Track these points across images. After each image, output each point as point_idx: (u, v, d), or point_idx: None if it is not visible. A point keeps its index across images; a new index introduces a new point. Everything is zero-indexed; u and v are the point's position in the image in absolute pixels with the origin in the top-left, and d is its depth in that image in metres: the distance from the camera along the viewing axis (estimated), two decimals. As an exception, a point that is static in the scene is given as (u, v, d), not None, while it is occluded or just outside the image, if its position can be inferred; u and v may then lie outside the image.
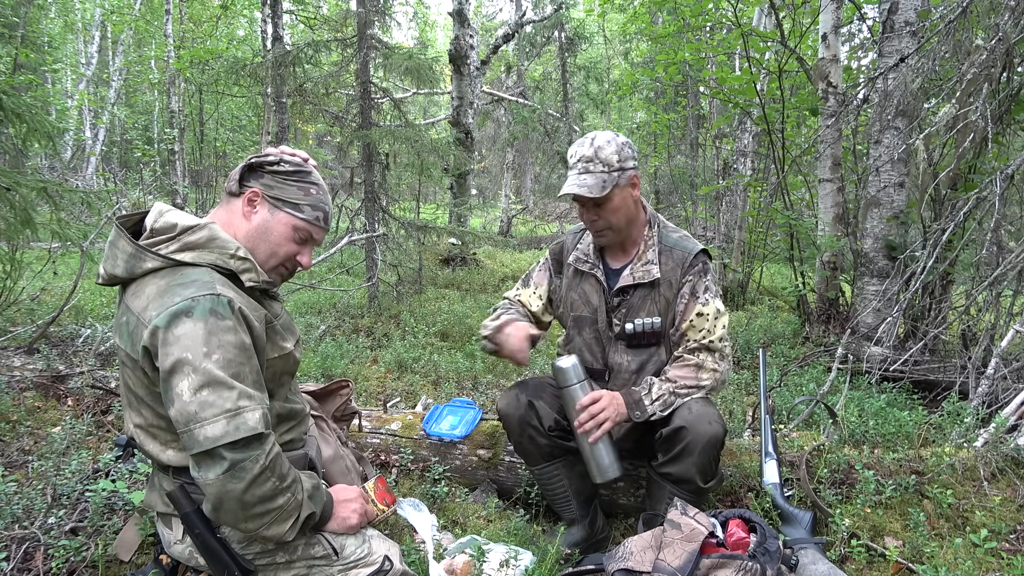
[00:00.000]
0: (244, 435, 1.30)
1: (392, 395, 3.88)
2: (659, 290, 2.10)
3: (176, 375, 1.31)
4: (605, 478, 2.03)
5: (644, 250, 2.12)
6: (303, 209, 1.54)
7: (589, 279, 2.19)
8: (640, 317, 2.10)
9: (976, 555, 1.93)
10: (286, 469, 1.40)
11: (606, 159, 2.00)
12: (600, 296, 2.17)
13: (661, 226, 2.18)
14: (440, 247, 9.57)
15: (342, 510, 1.55)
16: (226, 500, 1.32)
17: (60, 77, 15.84)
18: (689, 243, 2.14)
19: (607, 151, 2.00)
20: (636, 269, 2.11)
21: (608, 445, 2.01)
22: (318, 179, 1.57)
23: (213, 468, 1.30)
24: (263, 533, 1.39)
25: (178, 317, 1.32)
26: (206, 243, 1.45)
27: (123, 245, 1.44)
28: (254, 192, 1.51)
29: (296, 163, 1.55)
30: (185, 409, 1.30)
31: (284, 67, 6.34)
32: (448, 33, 13.28)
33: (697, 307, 2.05)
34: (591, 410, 1.96)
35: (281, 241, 1.54)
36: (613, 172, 2.00)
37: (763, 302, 7.35)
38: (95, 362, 3.45)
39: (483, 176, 18.20)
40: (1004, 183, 3.38)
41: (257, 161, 1.52)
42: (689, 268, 2.09)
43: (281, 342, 1.54)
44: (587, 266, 2.19)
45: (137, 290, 1.43)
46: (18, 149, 4.16)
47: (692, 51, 7.11)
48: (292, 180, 1.53)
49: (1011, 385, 3.08)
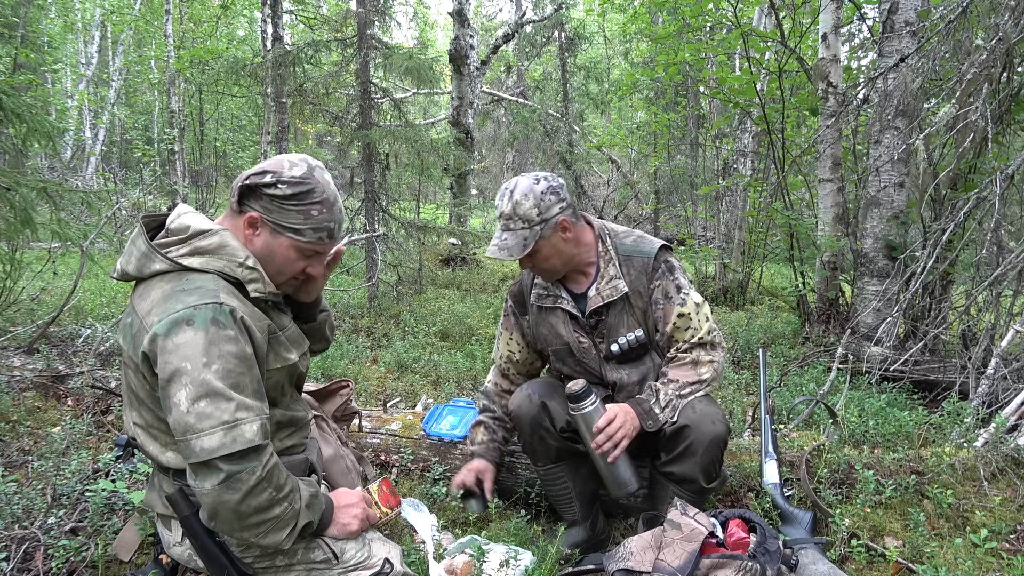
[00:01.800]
0: (241, 447, 1.30)
1: (392, 395, 3.88)
2: (631, 302, 2.06)
3: (174, 384, 1.30)
4: (625, 492, 2.01)
5: (604, 267, 2.08)
6: (305, 233, 1.48)
7: (554, 312, 2.14)
8: (622, 335, 2.07)
9: (976, 555, 1.93)
10: (283, 479, 1.39)
11: (525, 215, 1.92)
12: (568, 326, 2.13)
13: (613, 236, 2.11)
14: (440, 247, 9.57)
15: (342, 516, 1.54)
16: (221, 510, 1.32)
17: (60, 77, 15.84)
18: (645, 245, 2.09)
19: (525, 206, 1.92)
20: (603, 288, 2.06)
21: (626, 460, 1.98)
22: (321, 194, 1.48)
23: (209, 478, 1.30)
24: (259, 541, 1.38)
25: (179, 325, 1.31)
26: (216, 249, 1.43)
27: (140, 243, 1.44)
28: (253, 217, 1.47)
29: (294, 182, 1.45)
30: (182, 419, 1.29)
31: (284, 67, 6.34)
32: (448, 33, 13.28)
33: (676, 308, 2.02)
34: (608, 431, 1.90)
35: (286, 263, 1.51)
36: (535, 227, 1.93)
37: (763, 302, 7.34)
38: (95, 362, 3.45)
39: (483, 176, 18.20)
40: (1004, 183, 3.38)
41: (254, 183, 1.45)
42: (653, 273, 2.05)
43: (284, 353, 1.53)
44: (549, 300, 2.14)
45: (144, 291, 1.43)
46: (18, 149, 4.16)
47: (692, 51, 7.11)
48: (291, 204, 1.45)
49: (1011, 385, 3.08)
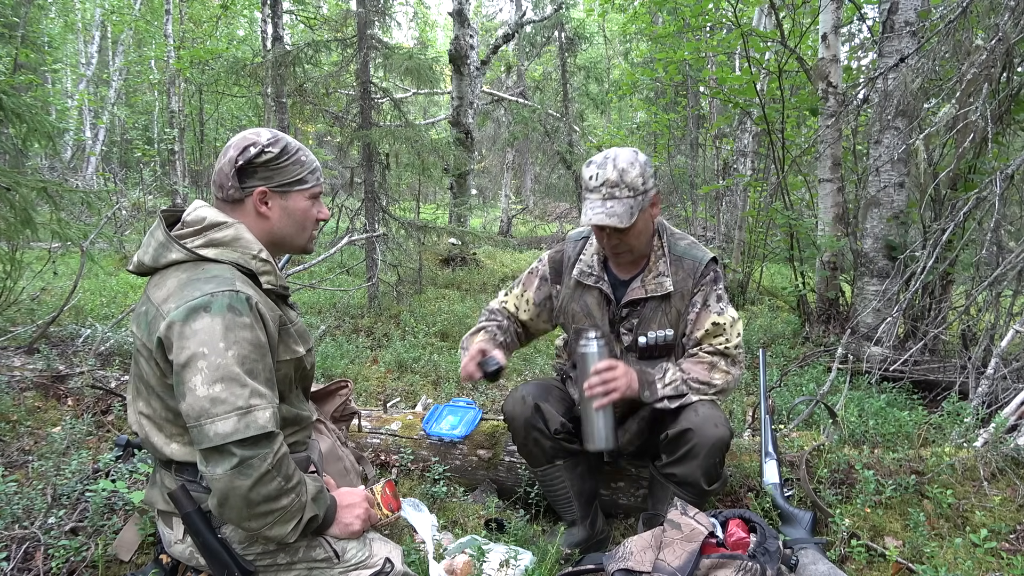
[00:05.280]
0: (254, 433, 1.32)
1: (392, 395, 3.88)
2: (671, 302, 2.06)
3: (190, 369, 1.32)
4: (597, 447, 1.98)
5: (655, 261, 2.07)
6: (307, 179, 1.58)
7: (592, 291, 2.13)
8: (652, 330, 2.06)
9: (976, 555, 1.93)
10: (292, 470, 1.41)
11: (631, 183, 1.89)
12: (603, 309, 2.12)
13: (669, 234, 2.12)
14: (440, 247, 9.57)
15: (345, 515, 1.55)
16: (231, 496, 1.33)
17: (60, 77, 15.84)
18: (699, 251, 2.10)
19: (632, 174, 1.89)
20: (648, 282, 2.06)
21: (610, 416, 1.96)
22: (294, 142, 1.58)
23: (222, 463, 1.31)
24: (265, 533, 1.39)
25: (196, 311, 1.34)
26: (231, 241, 1.48)
27: (158, 234, 1.48)
28: (261, 191, 1.52)
29: (273, 141, 1.53)
30: (197, 404, 1.31)
31: (284, 67, 6.34)
32: (448, 33, 13.28)
33: (712, 317, 2.03)
34: (604, 375, 1.90)
35: (305, 215, 1.60)
36: (639, 196, 1.90)
37: (763, 302, 7.34)
38: (95, 362, 3.45)
39: (483, 176, 18.19)
40: (1004, 183, 3.38)
41: (245, 160, 1.51)
42: (701, 278, 2.06)
43: (293, 345, 1.55)
44: (592, 279, 2.12)
45: (159, 281, 1.46)
46: (18, 149, 4.16)
47: (692, 51, 7.11)
48: (285, 161, 1.54)
49: (1011, 385, 3.08)
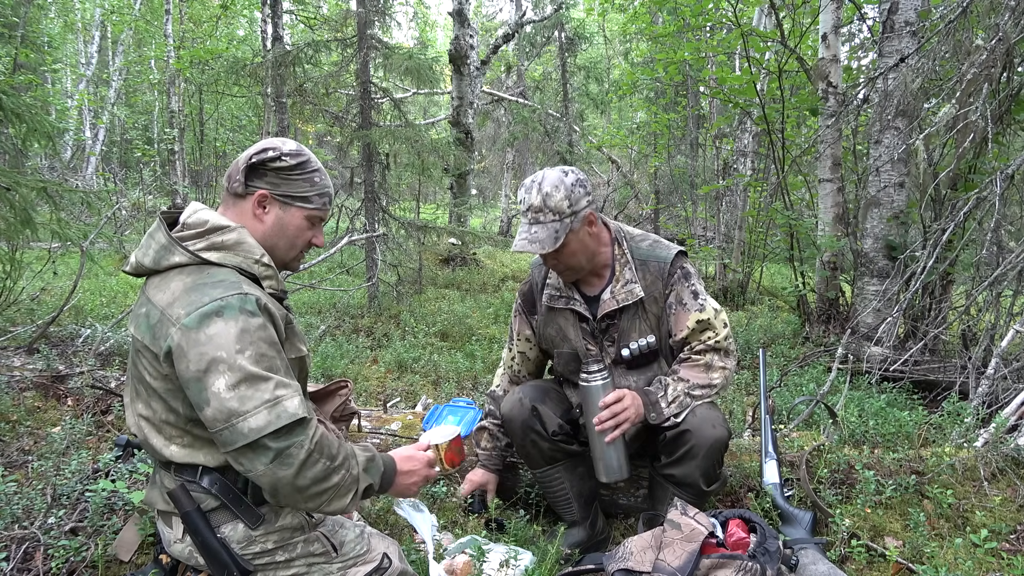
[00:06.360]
0: (286, 422, 1.32)
1: (392, 395, 3.88)
2: (646, 307, 2.05)
3: (211, 374, 1.32)
4: (612, 479, 2.02)
5: (620, 270, 2.06)
6: (312, 200, 1.57)
7: (564, 313, 2.12)
8: (634, 340, 2.06)
9: (976, 555, 1.93)
10: (335, 448, 1.41)
11: (556, 207, 1.88)
12: (577, 329, 2.11)
13: (629, 239, 2.10)
14: (440, 247, 9.58)
15: (402, 480, 1.60)
16: (280, 487, 1.34)
17: (60, 77, 15.84)
18: (662, 250, 2.07)
19: (556, 198, 1.88)
20: (618, 292, 2.04)
21: (621, 446, 1.98)
22: (315, 162, 1.58)
23: (259, 459, 1.32)
24: (325, 510, 1.42)
25: (209, 317, 1.34)
26: (233, 246, 1.48)
27: (159, 236, 1.47)
28: (263, 194, 1.53)
29: (294, 153, 1.55)
30: (224, 406, 1.31)
31: (284, 67, 6.35)
32: (448, 33, 13.27)
33: (694, 314, 2.02)
34: (613, 409, 1.90)
35: (298, 233, 1.59)
36: (565, 219, 1.89)
37: (763, 302, 7.35)
38: (95, 362, 3.45)
39: (483, 176, 18.18)
40: (1004, 183, 3.38)
41: (259, 160, 1.52)
42: (669, 278, 2.04)
43: (298, 344, 1.57)
44: (561, 302, 2.11)
45: (161, 284, 1.44)
46: (18, 149, 4.16)
47: (692, 51, 7.11)
48: (296, 174, 1.54)
49: (1011, 385, 3.08)
